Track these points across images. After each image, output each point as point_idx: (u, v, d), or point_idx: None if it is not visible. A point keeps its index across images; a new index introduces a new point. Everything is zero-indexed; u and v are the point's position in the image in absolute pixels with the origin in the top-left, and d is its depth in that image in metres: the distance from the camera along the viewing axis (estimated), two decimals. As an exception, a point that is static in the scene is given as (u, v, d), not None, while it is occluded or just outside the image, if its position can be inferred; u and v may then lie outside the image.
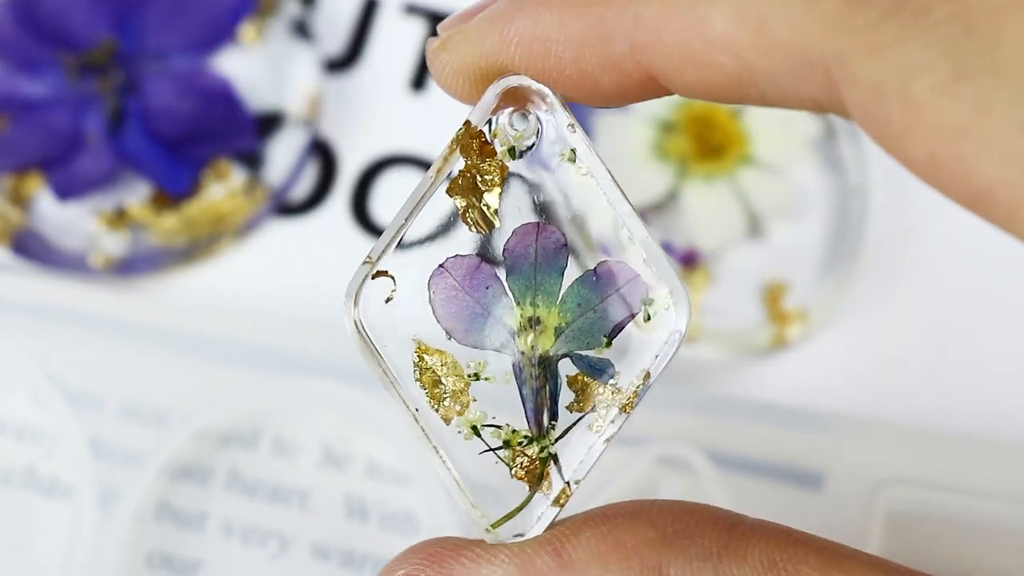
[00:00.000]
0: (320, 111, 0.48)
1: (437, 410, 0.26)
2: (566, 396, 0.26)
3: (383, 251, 0.26)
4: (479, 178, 0.26)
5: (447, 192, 0.26)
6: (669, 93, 0.24)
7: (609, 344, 0.26)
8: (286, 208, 0.47)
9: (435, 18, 0.50)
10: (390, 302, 0.26)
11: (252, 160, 0.47)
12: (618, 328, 0.26)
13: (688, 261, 0.46)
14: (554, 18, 0.24)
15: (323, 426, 0.42)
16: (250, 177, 0.47)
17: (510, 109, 0.26)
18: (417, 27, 0.50)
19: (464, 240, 0.26)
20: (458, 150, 0.26)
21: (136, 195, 0.47)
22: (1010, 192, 0.20)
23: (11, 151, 0.47)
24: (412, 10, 0.50)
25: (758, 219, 0.46)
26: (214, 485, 0.41)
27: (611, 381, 0.26)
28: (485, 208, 0.26)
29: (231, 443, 0.42)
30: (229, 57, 0.48)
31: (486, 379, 0.26)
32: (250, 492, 0.41)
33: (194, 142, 0.47)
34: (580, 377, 0.26)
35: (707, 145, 0.47)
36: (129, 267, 0.46)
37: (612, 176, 0.25)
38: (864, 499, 0.40)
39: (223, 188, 0.47)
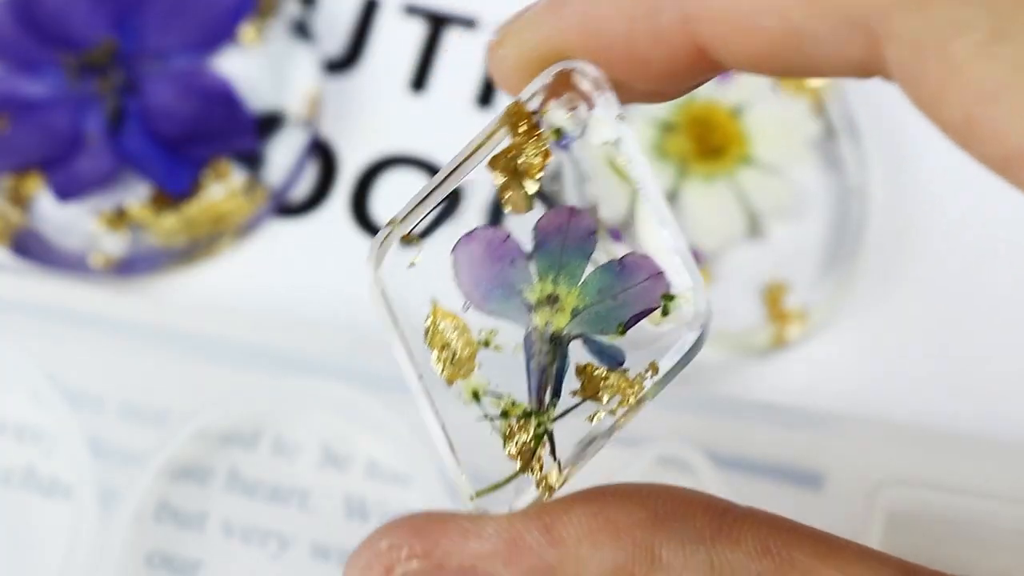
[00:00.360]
0: (320, 111, 0.48)
1: (442, 372, 0.26)
2: (573, 383, 0.26)
3: (409, 213, 0.26)
4: (522, 159, 0.26)
5: (488, 166, 0.26)
6: (719, 71, 0.24)
7: (623, 333, 0.26)
8: (286, 208, 0.47)
9: (435, 18, 0.50)
10: (413, 267, 0.26)
11: (252, 160, 0.47)
12: (634, 319, 0.26)
13: (688, 261, 0.46)
14: None
15: (323, 426, 0.42)
16: (250, 177, 0.47)
17: (562, 94, 0.26)
18: (417, 27, 0.50)
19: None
20: (506, 128, 0.26)
21: (136, 195, 0.47)
22: None
23: (11, 151, 0.47)
24: (412, 10, 0.50)
25: (758, 219, 0.46)
26: (214, 485, 0.41)
27: (619, 370, 0.26)
28: (524, 190, 0.26)
29: (231, 443, 0.42)
30: (229, 57, 0.48)
31: (495, 347, 0.26)
32: (250, 492, 0.41)
33: (194, 142, 0.47)
34: (589, 367, 0.26)
35: (707, 145, 0.47)
36: (129, 267, 0.46)
37: (650, 170, 0.25)
38: (864, 499, 0.40)
39: (223, 188, 0.47)
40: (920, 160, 0.48)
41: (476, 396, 0.26)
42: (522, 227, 0.26)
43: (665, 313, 0.25)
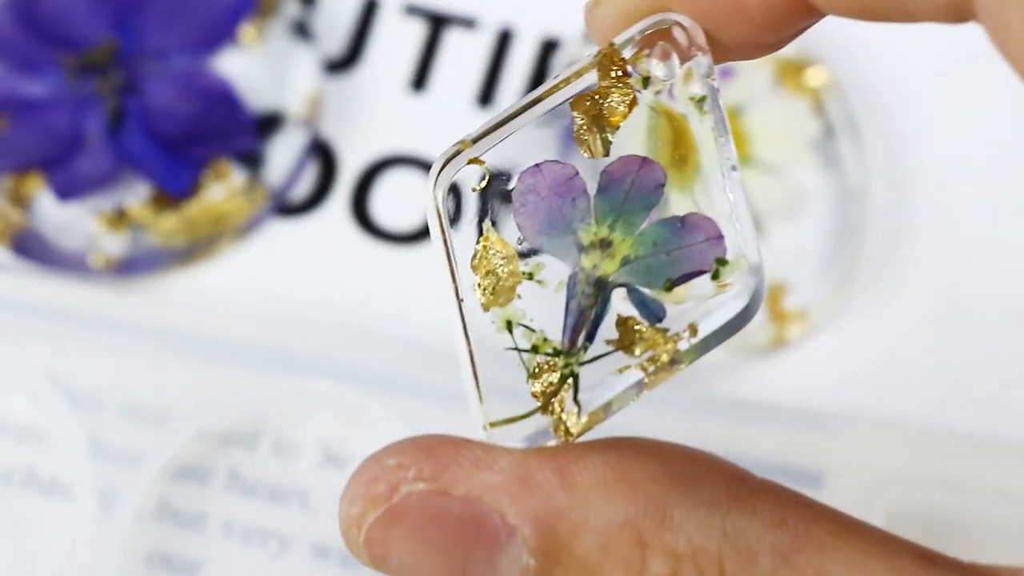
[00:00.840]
0: (320, 111, 0.48)
1: (481, 297, 0.25)
2: (611, 333, 0.25)
3: (482, 136, 0.26)
4: (606, 102, 0.26)
5: (570, 105, 0.26)
6: (814, 16, 0.24)
7: (670, 289, 0.25)
8: (286, 208, 0.47)
9: (435, 18, 0.50)
10: (476, 191, 0.26)
11: (252, 160, 0.47)
12: (684, 278, 0.25)
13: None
14: None
15: (323, 426, 0.42)
16: (250, 177, 0.47)
17: (656, 44, 0.26)
18: (417, 27, 0.50)
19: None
20: (596, 69, 0.26)
21: (136, 195, 0.47)
22: None
23: (11, 151, 0.47)
24: (412, 10, 0.50)
25: (758, 219, 0.46)
26: (214, 485, 0.41)
27: (658, 327, 0.25)
28: (604, 135, 0.26)
29: (231, 443, 0.42)
30: (229, 57, 0.48)
31: (538, 282, 0.26)
32: (250, 492, 0.41)
33: (194, 142, 0.47)
34: (630, 320, 0.25)
35: (707, 145, 0.47)
36: (129, 267, 0.46)
37: (730, 134, 0.25)
38: (864, 498, 0.40)
39: (223, 188, 0.47)
40: (920, 160, 0.48)
41: (510, 326, 0.25)
42: (591, 169, 0.26)
43: (715, 277, 0.25)
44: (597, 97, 0.26)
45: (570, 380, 0.25)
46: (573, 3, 0.49)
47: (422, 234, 0.47)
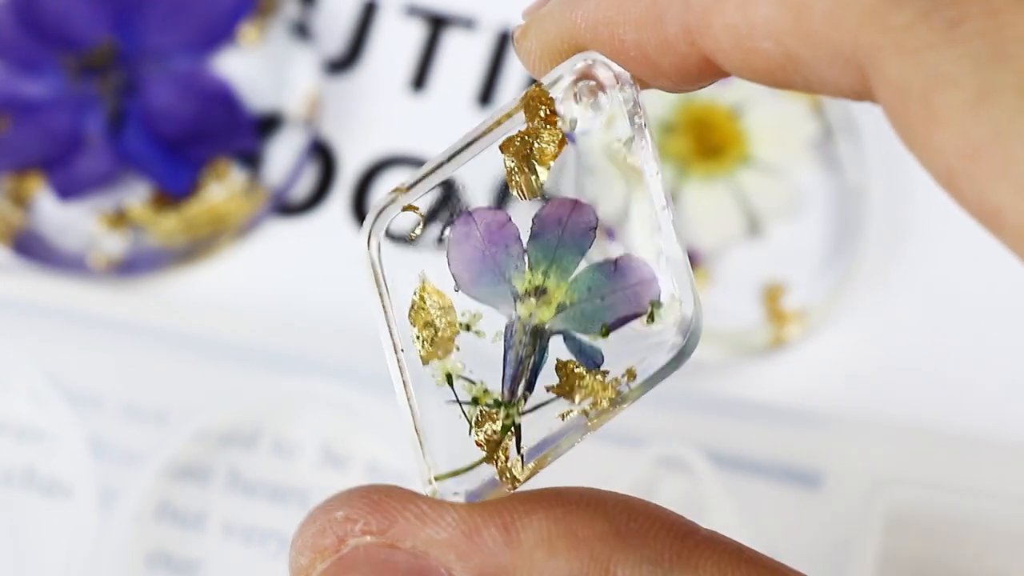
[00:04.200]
0: (320, 111, 0.48)
1: (420, 350, 0.26)
2: (551, 379, 0.25)
3: (415, 184, 0.26)
4: (535, 145, 0.26)
5: (500, 148, 0.26)
6: (728, 75, 0.24)
7: (606, 335, 0.25)
8: (286, 208, 0.47)
9: (435, 18, 0.50)
10: (412, 239, 0.26)
11: (252, 160, 0.47)
12: (620, 321, 0.25)
13: (687, 261, 0.46)
14: (615, 1, 0.25)
15: (323, 426, 0.42)
16: (250, 177, 0.47)
17: (582, 83, 0.26)
18: (417, 28, 0.50)
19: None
20: (523, 110, 0.26)
21: (136, 195, 0.47)
22: (1018, 217, 0.20)
23: (11, 151, 0.47)
24: (412, 11, 0.50)
25: (757, 219, 0.46)
26: (214, 485, 0.41)
27: (597, 371, 0.25)
28: (534, 176, 0.26)
29: (231, 443, 0.42)
30: (229, 57, 0.48)
31: (476, 332, 0.26)
32: (250, 492, 0.41)
33: (194, 143, 0.47)
34: (570, 364, 0.25)
35: (706, 145, 0.47)
36: (129, 267, 0.46)
37: (661, 173, 0.25)
38: (863, 499, 0.40)
39: (223, 188, 0.47)
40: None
41: (449, 379, 0.26)
42: (523, 213, 0.26)
43: (651, 320, 0.25)
44: (526, 138, 0.26)
45: (512, 430, 0.25)
46: (573, 3, 0.49)
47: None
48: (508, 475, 0.25)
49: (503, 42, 0.50)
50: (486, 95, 0.49)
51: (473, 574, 0.23)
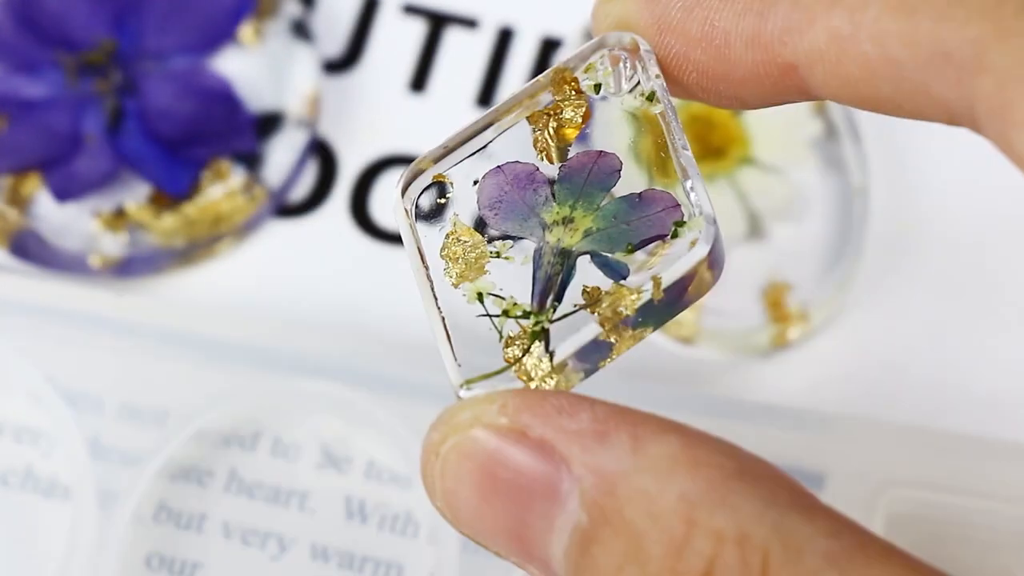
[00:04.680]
0: (320, 111, 0.48)
1: (451, 277, 0.27)
2: (577, 298, 0.26)
3: (442, 156, 0.28)
4: (562, 116, 0.27)
5: (528, 120, 0.27)
6: (798, 96, 0.25)
7: (631, 252, 0.26)
8: (286, 208, 0.47)
9: (435, 18, 0.50)
10: (443, 203, 0.27)
11: (252, 160, 0.47)
12: (644, 242, 0.26)
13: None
14: None
15: (323, 427, 0.42)
16: (250, 177, 0.47)
17: (605, 51, 0.27)
18: (417, 27, 0.50)
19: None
20: (551, 87, 0.27)
21: (135, 196, 0.47)
22: None
23: (10, 152, 0.47)
24: (412, 10, 0.50)
25: (759, 220, 0.46)
26: (213, 486, 0.41)
27: (622, 283, 0.26)
28: (560, 146, 0.27)
29: (231, 444, 0.42)
30: (229, 57, 0.48)
31: (506, 258, 0.27)
32: (250, 493, 0.41)
33: (193, 143, 0.47)
34: (596, 289, 0.26)
35: (708, 145, 0.47)
36: (128, 267, 0.46)
37: (677, 120, 0.26)
38: (866, 500, 0.40)
39: (222, 188, 0.47)
40: (921, 160, 0.48)
41: (480, 297, 0.26)
42: (552, 170, 0.27)
43: (675, 236, 0.26)
44: (552, 111, 0.27)
45: (541, 336, 0.26)
46: (574, 2, 0.49)
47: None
48: (538, 377, 0.26)
49: (504, 41, 0.50)
50: (487, 95, 0.49)
51: (590, 469, 0.23)
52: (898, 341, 0.45)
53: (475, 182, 0.27)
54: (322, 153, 0.48)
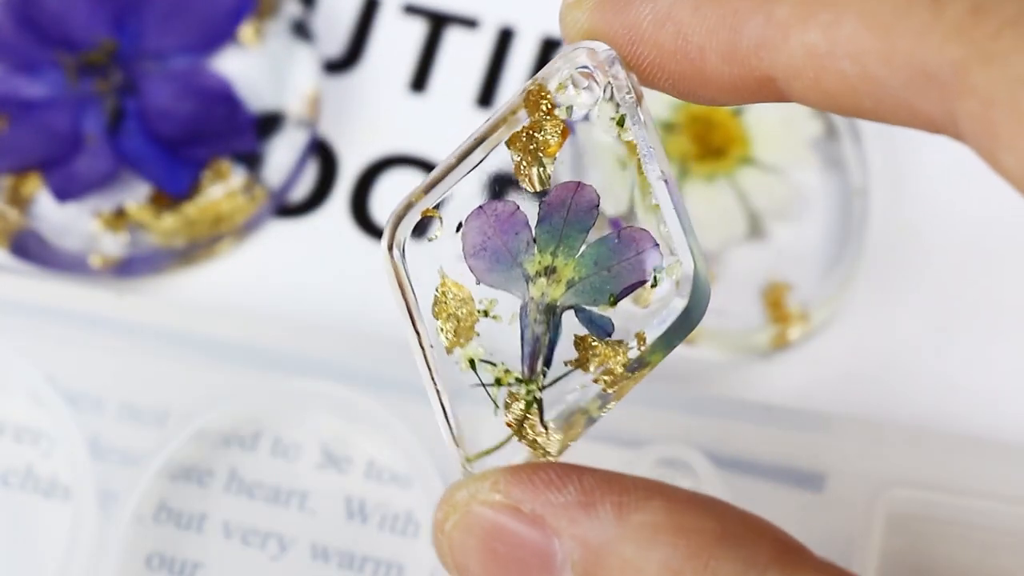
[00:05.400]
0: (320, 111, 0.48)
1: (444, 340, 0.27)
2: (568, 353, 0.26)
3: (429, 189, 0.27)
4: (539, 137, 0.27)
5: (506, 144, 0.27)
6: (781, 99, 0.25)
7: (614, 304, 0.26)
8: (286, 208, 0.47)
9: (435, 18, 0.50)
10: (432, 241, 0.27)
11: (252, 160, 0.47)
12: (626, 290, 0.26)
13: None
14: (691, 2, 0.25)
15: (323, 427, 0.42)
16: (250, 177, 0.47)
17: (577, 68, 0.27)
18: (417, 27, 0.50)
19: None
20: (524, 107, 0.27)
21: (135, 196, 0.47)
22: None
23: (10, 152, 0.47)
24: (412, 10, 0.50)
25: (759, 220, 0.46)
26: (214, 486, 0.41)
27: (608, 340, 0.26)
28: (541, 169, 0.27)
29: (231, 444, 0.42)
30: (229, 57, 0.48)
31: (493, 317, 0.27)
32: (250, 493, 0.41)
33: (194, 143, 0.47)
34: (587, 338, 0.26)
35: (708, 146, 0.47)
36: (128, 268, 0.46)
37: (656, 146, 0.26)
38: (866, 500, 0.40)
39: (223, 188, 0.47)
40: (921, 161, 0.48)
41: (472, 364, 0.27)
42: (530, 200, 0.27)
43: (655, 285, 0.26)
44: (531, 132, 0.27)
45: (535, 405, 0.27)
46: (574, 3, 0.48)
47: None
48: (540, 449, 0.26)
49: (505, 41, 0.50)
50: (487, 95, 0.49)
51: (578, 541, 0.24)
52: (898, 341, 0.45)
53: (459, 227, 0.27)
54: (322, 153, 0.48)
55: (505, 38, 0.50)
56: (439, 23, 0.50)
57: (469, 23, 0.50)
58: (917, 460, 0.41)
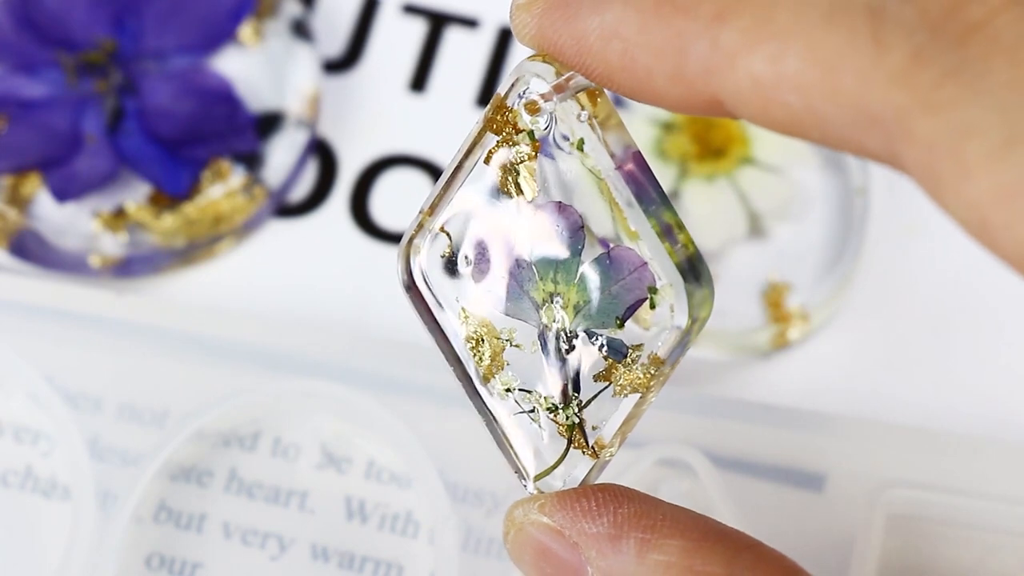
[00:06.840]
0: (320, 111, 0.48)
1: (480, 368, 0.28)
2: (596, 366, 0.27)
3: (433, 206, 0.28)
4: (513, 151, 0.27)
5: (484, 162, 0.28)
6: (732, 117, 0.25)
7: (621, 326, 0.27)
8: (286, 208, 0.47)
9: (435, 18, 0.50)
10: (443, 258, 0.28)
11: (252, 160, 0.47)
12: (629, 311, 0.27)
13: (689, 262, 0.46)
14: (637, 20, 0.25)
15: (322, 427, 0.42)
16: (250, 177, 0.47)
17: (524, 99, 0.27)
18: (417, 27, 0.50)
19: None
20: (490, 129, 0.27)
21: (135, 195, 0.47)
22: None
23: (9, 152, 0.47)
24: (412, 10, 0.50)
25: (759, 219, 0.46)
26: (213, 486, 0.41)
27: (626, 360, 0.27)
28: (520, 178, 0.27)
29: (230, 444, 0.42)
30: (229, 57, 0.48)
31: (516, 346, 0.28)
32: (249, 493, 0.41)
33: (193, 142, 0.47)
34: (609, 361, 0.27)
35: (708, 145, 0.47)
36: (128, 267, 0.46)
37: (625, 168, 0.26)
38: (865, 500, 0.40)
39: (222, 188, 0.47)
40: (921, 160, 0.48)
41: (508, 391, 0.28)
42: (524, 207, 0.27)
43: (652, 306, 0.27)
44: (502, 147, 0.27)
45: (577, 427, 0.28)
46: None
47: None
48: (595, 455, 0.28)
49: (504, 41, 0.50)
50: (487, 95, 0.49)
51: (602, 572, 0.26)
52: (898, 341, 0.45)
53: (465, 258, 0.28)
54: (322, 153, 0.48)
55: (505, 38, 0.50)
56: (439, 23, 0.50)
57: (469, 23, 0.50)
58: (917, 460, 0.41)
